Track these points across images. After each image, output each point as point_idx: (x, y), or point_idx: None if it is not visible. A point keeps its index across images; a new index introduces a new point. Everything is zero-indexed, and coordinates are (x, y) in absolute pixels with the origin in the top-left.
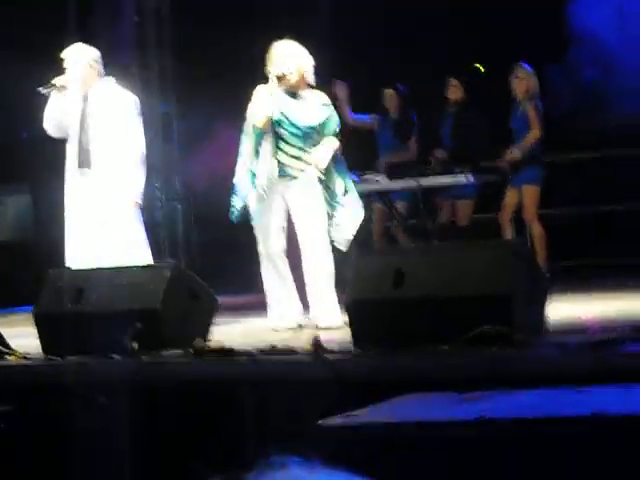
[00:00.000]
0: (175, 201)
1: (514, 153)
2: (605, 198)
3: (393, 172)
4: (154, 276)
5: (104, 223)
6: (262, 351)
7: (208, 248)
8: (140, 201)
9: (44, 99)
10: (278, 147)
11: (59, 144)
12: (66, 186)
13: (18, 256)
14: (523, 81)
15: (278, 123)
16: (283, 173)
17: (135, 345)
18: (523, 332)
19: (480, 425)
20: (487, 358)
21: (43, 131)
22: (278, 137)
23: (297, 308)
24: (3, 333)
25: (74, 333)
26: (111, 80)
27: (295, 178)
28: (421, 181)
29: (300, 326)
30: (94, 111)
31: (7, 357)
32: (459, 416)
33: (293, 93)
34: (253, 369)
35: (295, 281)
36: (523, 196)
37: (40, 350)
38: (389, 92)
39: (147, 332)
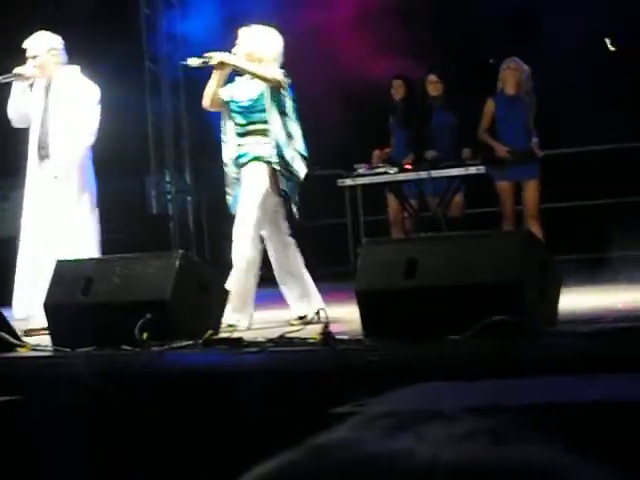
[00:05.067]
0: (185, 193)
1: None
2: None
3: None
4: (163, 266)
5: (58, 218)
6: (271, 341)
7: (219, 240)
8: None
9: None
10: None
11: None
12: (27, 179)
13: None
14: (516, 73)
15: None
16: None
17: (144, 336)
18: (535, 321)
19: (493, 412)
20: (498, 347)
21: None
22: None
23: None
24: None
25: (84, 324)
26: (76, 69)
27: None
28: (432, 173)
29: (316, 315)
30: (54, 101)
31: (17, 349)
32: (471, 404)
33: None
34: (262, 359)
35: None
36: (527, 190)
37: (50, 342)
38: (397, 82)
39: (157, 323)
